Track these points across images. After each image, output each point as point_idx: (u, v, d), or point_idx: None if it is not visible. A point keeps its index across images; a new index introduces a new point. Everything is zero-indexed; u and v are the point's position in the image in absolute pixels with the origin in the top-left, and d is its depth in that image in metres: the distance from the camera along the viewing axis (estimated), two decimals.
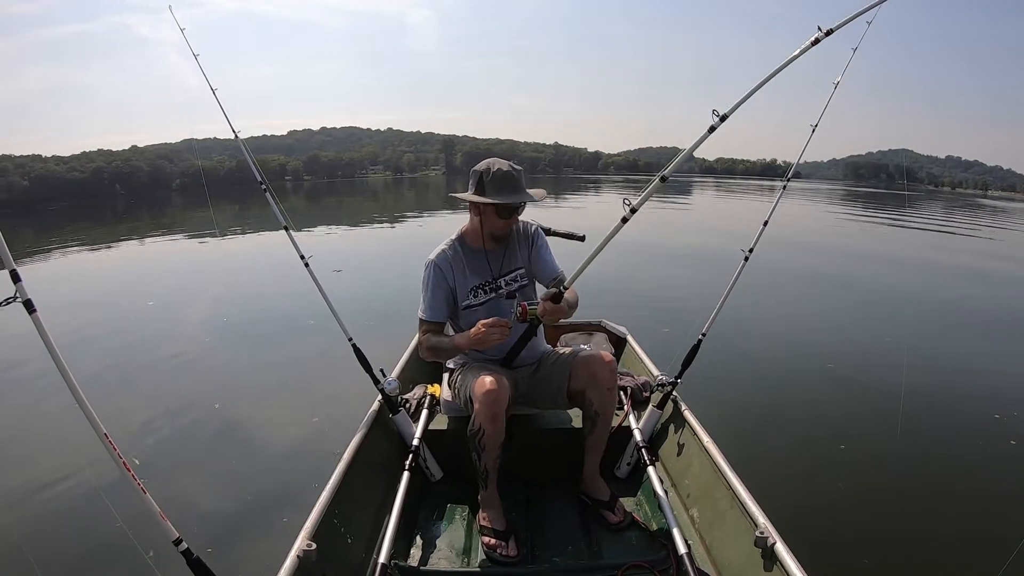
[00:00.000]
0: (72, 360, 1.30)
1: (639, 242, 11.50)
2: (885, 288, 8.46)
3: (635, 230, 1.89)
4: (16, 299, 1.27)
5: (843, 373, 4.85)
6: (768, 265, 7.71)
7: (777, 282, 7.93)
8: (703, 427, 2.18)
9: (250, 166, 2.47)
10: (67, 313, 6.76)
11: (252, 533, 2.75)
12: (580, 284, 2.20)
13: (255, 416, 4.11)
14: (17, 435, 3.97)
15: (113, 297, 8.50)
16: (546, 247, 2.27)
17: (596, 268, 1.88)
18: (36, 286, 1.26)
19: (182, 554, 1.37)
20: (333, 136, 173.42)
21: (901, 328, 6.03)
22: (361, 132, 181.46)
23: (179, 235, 16.76)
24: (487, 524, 1.96)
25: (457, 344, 2.07)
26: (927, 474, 3.32)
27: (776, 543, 1.55)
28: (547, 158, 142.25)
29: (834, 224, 20.44)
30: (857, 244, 12.79)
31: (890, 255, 12.41)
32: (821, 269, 9.95)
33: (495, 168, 2.03)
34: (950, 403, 4.24)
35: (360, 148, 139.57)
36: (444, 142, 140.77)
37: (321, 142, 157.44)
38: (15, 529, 2.84)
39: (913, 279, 9.37)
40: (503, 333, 1.93)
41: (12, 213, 36.91)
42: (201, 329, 6.43)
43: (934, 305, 7.63)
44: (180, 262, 12.70)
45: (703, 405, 2.42)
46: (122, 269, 11.97)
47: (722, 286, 2.31)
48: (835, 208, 28.30)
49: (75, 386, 1.29)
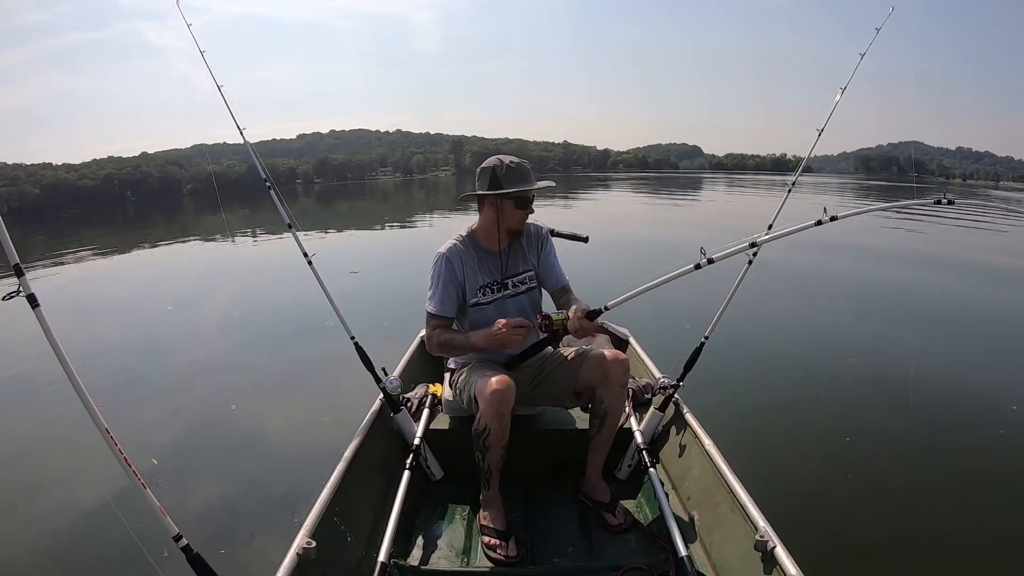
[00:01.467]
0: (84, 362, 1.31)
1: (643, 241, 11.62)
2: (893, 290, 8.37)
3: (637, 228, 1.89)
4: (20, 293, 1.27)
5: (847, 377, 4.83)
6: (774, 265, 7.69)
7: (783, 283, 7.89)
8: (704, 430, 2.17)
9: (257, 166, 2.47)
10: (75, 315, 6.80)
11: (252, 530, 2.76)
12: (581, 283, 2.21)
13: (257, 415, 4.12)
14: (20, 431, 3.99)
15: (114, 300, 8.55)
16: (554, 252, 2.28)
17: (598, 268, 1.88)
18: (51, 292, 1.28)
19: (182, 550, 1.38)
20: (343, 139, 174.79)
21: (909, 332, 6.00)
22: (370, 134, 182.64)
23: (192, 239, 16.72)
24: (487, 524, 1.96)
25: (474, 343, 2.06)
26: (931, 480, 3.30)
27: (776, 547, 1.55)
28: (556, 157, 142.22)
29: (845, 222, 20.29)
30: (866, 240, 12.68)
31: (899, 252, 12.31)
32: (827, 269, 9.90)
33: (507, 162, 2.05)
34: (958, 408, 4.20)
35: (370, 150, 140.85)
36: (453, 143, 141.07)
37: (331, 145, 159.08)
38: (15, 524, 2.86)
39: (921, 278, 9.21)
40: (524, 335, 1.95)
41: (24, 220, 37.58)
42: (208, 330, 6.47)
43: (943, 307, 7.55)
44: (190, 263, 12.80)
45: (705, 408, 2.42)
46: (130, 274, 12.04)
47: (726, 288, 2.31)
48: (846, 202, 27.94)
49: (78, 382, 1.30)
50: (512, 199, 2.06)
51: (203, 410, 4.17)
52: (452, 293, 2.12)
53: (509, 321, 1.97)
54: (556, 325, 1.93)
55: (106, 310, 7.91)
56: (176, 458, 3.46)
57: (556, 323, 1.93)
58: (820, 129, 2.44)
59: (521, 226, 2.15)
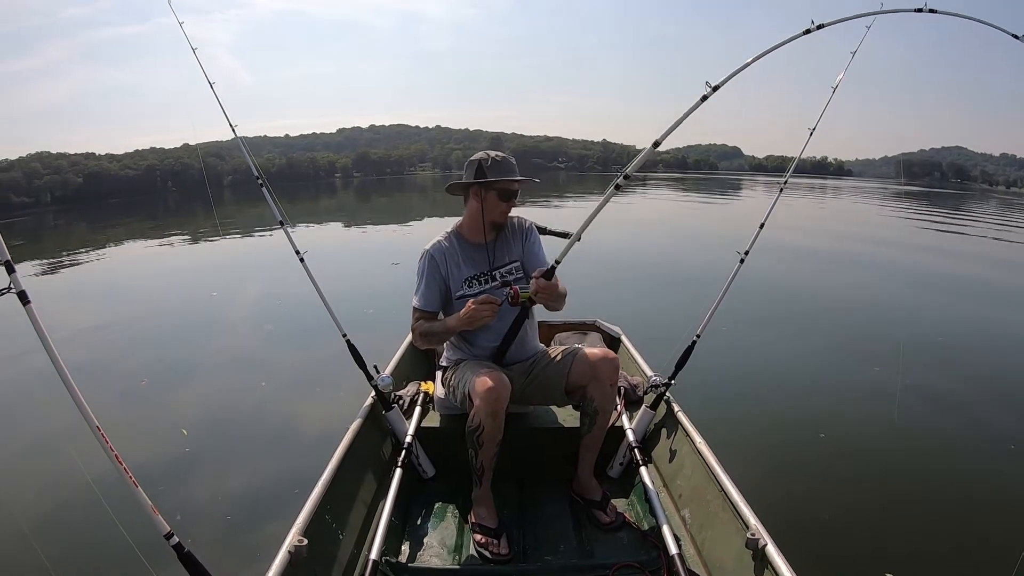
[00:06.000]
0: (70, 349, 1.30)
1: (638, 240, 11.65)
2: (886, 290, 8.45)
3: (641, 224, 1.91)
4: (10, 290, 1.26)
5: (839, 374, 4.88)
6: (768, 264, 7.74)
7: (776, 282, 7.93)
8: (696, 428, 2.18)
9: (250, 163, 2.46)
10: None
11: (243, 528, 2.75)
12: (574, 284, 2.21)
13: (249, 412, 4.11)
14: (12, 428, 3.96)
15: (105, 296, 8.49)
16: (539, 243, 2.31)
17: (590, 268, 1.89)
18: (88, 277, 1.27)
19: (173, 548, 1.37)
20: (382, 134, 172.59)
21: (897, 331, 6.05)
22: (410, 130, 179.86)
23: (238, 231, 16.23)
24: (479, 522, 1.96)
25: (449, 326, 2.11)
26: (921, 476, 3.33)
27: (767, 544, 1.56)
28: (595, 155, 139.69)
29: (854, 220, 20.42)
30: (872, 243, 12.81)
31: (905, 251, 12.44)
32: (823, 267, 9.96)
33: (492, 155, 2.14)
34: (947, 405, 4.25)
35: (409, 145, 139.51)
36: (492, 139, 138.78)
37: (370, 139, 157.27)
38: (4, 521, 2.83)
39: (921, 281, 9.25)
40: (492, 310, 1.99)
41: (67, 209, 37.85)
42: (204, 327, 6.45)
43: (940, 305, 7.64)
44: (190, 259, 12.72)
45: (696, 406, 2.43)
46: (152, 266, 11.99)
47: (718, 287, 2.32)
48: (880, 207, 27.89)
49: (68, 379, 1.29)
50: (495, 190, 2.12)
51: (197, 408, 4.14)
52: (435, 288, 2.17)
53: (474, 299, 2.02)
54: (522, 297, 1.97)
55: (93, 298, 7.88)
56: (167, 456, 3.44)
57: (522, 295, 1.96)
58: (812, 128, 2.45)
59: (504, 218, 2.20)
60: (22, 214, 41.22)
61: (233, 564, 2.45)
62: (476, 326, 2.04)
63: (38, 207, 50.75)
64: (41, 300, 1.29)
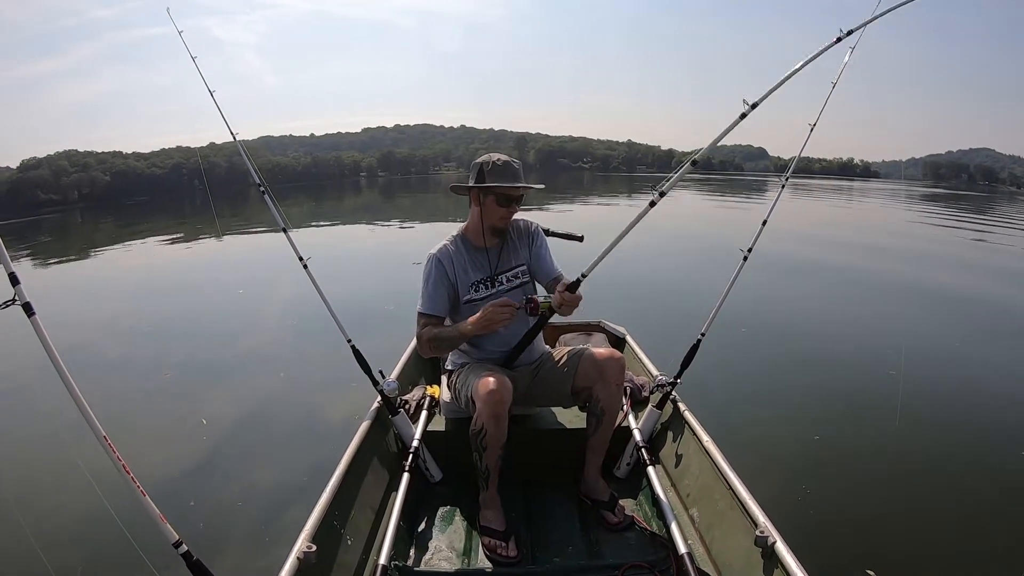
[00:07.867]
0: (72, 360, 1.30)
1: (641, 241, 11.41)
2: (890, 288, 8.41)
3: (644, 226, 1.91)
4: (15, 302, 1.27)
5: (846, 371, 4.85)
6: (773, 262, 7.72)
7: (781, 279, 7.90)
8: (703, 427, 2.17)
9: (250, 168, 2.47)
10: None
11: (251, 536, 2.75)
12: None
13: (255, 418, 4.11)
14: (19, 436, 3.97)
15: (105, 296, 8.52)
16: (546, 246, 2.30)
17: (595, 268, 1.90)
18: (111, 273, 1.28)
19: (182, 556, 1.37)
20: (407, 133, 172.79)
21: (902, 328, 6.03)
22: (434, 129, 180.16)
23: (257, 229, 15.88)
24: (487, 525, 1.96)
25: (463, 330, 2.05)
26: (929, 473, 3.32)
27: (776, 542, 1.55)
28: (620, 156, 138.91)
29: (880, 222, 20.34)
30: (871, 242, 12.75)
31: (909, 251, 12.38)
32: (826, 264, 9.92)
33: (495, 158, 2.09)
34: (952, 403, 4.23)
35: (434, 145, 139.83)
36: (517, 139, 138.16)
37: (395, 139, 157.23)
38: (14, 533, 2.84)
39: (926, 279, 9.22)
40: (511, 313, 1.96)
41: (95, 207, 38.23)
42: (205, 330, 6.45)
43: (946, 303, 7.60)
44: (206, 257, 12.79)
45: (703, 405, 2.42)
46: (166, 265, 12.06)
47: (723, 284, 2.31)
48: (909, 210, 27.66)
49: (74, 389, 1.29)
50: (493, 195, 2.08)
51: (200, 414, 4.14)
52: (443, 292, 2.13)
53: (492, 302, 1.99)
54: (543, 308, 1.95)
55: (110, 297, 7.89)
56: (174, 464, 3.44)
57: (543, 307, 1.95)
58: (812, 124, 2.43)
59: (503, 223, 2.16)
60: (50, 211, 41.59)
61: (242, 572, 2.45)
62: (493, 329, 2.02)
63: (65, 205, 50.83)
64: (63, 295, 1.30)
